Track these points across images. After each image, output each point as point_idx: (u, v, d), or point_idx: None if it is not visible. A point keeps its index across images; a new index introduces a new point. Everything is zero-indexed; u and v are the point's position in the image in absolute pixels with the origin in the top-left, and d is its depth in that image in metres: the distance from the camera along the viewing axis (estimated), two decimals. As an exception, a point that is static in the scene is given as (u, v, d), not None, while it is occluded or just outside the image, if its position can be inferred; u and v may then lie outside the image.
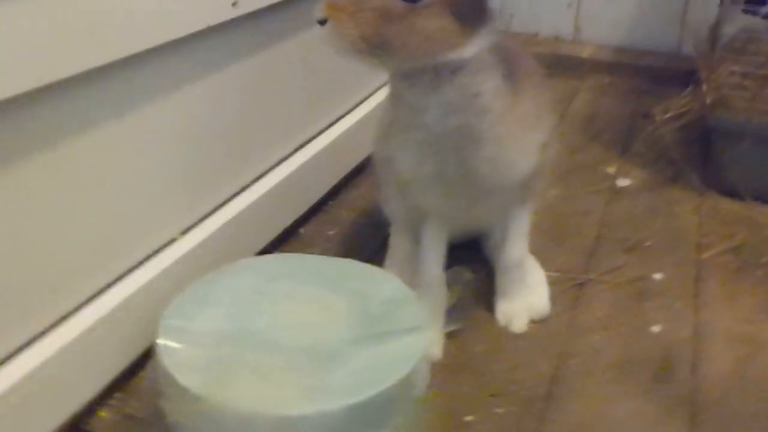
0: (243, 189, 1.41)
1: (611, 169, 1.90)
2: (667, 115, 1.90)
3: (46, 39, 0.89)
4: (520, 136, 1.10)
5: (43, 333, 1.00)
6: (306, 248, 1.52)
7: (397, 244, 1.41)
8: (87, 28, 0.94)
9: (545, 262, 1.45)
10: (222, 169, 1.35)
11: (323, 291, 1.09)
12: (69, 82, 0.94)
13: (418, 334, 1.01)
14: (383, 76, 1.19)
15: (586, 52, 2.66)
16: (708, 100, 1.73)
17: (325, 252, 1.50)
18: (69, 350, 1.00)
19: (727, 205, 1.72)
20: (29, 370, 0.95)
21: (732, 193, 1.73)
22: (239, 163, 1.40)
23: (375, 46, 0.95)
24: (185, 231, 1.25)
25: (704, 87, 1.77)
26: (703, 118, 1.77)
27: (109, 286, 1.10)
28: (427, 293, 1.22)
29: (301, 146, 1.60)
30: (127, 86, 1.07)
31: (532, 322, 1.32)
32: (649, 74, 2.52)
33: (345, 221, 1.63)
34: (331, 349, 0.97)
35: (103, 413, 1.08)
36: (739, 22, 1.83)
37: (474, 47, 0.99)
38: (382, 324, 1.02)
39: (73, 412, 1.03)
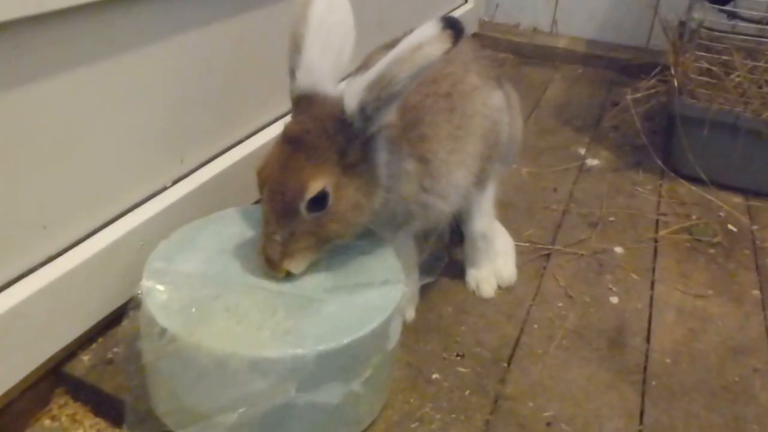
0: (237, 143, 1.34)
1: (581, 150, 1.87)
2: (637, 95, 1.84)
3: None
4: (448, 189, 1.08)
5: (30, 270, 0.94)
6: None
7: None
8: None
9: (515, 234, 1.43)
10: (216, 121, 1.28)
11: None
12: (70, 12, 0.87)
13: (393, 287, 0.96)
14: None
15: (561, 44, 2.61)
16: (675, 84, 1.70)
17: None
18: (55, 289, 0.95)
19: (685, 187, 1.70)
20: (13, 305, 0.89)
21: (691, 177, 1.71)
22: (234, 117, 1.33)
23: (325, 249, 0.97)
24: (176, 181, 1.19)
25: (672, 71, 1.73)
26: (668, 104, 1.73)
27: (99, 228, 1.04)
28: (402, 250, 1.17)
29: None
30: (124, 25, 0.99)
31: (500, 288, 1.29)
32: (620, 66, 2.48)
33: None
34: (308, 296, 0.93)
35: (86, 357, 1.03)
36: (706, 16, 1.79)
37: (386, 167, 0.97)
38: (358, 275, 0.98)
39: (55, 353, 0.99)
